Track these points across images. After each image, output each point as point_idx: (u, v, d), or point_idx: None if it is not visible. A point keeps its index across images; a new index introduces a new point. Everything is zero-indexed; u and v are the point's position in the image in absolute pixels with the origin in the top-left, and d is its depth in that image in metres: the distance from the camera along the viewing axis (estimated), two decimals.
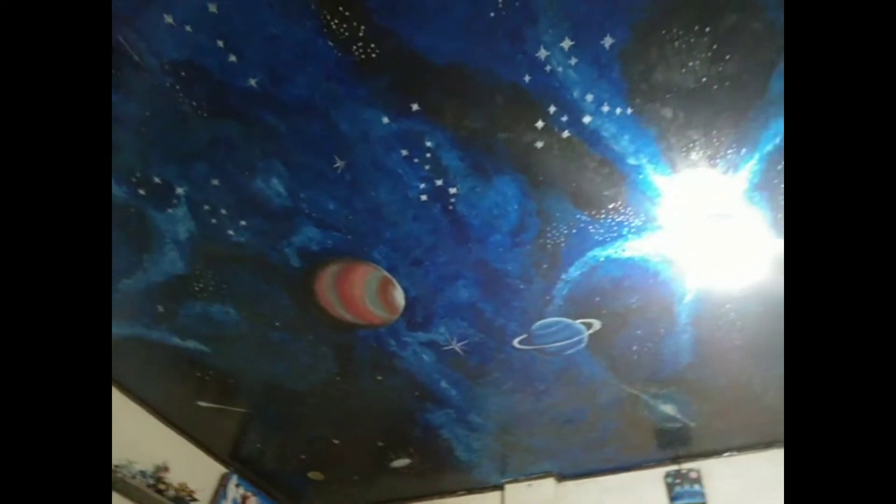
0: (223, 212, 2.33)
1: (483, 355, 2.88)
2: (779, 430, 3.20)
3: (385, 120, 1.97)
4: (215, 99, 1.97)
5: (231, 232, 2.40)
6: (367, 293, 2.62)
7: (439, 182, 2.13)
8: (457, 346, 2.84)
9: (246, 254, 2.48)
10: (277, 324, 2.83)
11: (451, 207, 2.21)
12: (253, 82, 1.90)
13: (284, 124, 2.01)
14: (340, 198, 2.23)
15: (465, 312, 2.66)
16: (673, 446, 3.41)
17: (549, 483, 3.70)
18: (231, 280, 2.63)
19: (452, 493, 4.14)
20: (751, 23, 1.65)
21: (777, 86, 1.79)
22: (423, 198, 2.18)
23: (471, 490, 4.05)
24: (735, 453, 3.38)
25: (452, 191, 2.16)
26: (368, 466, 4.03)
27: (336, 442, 3.78)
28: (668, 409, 3.12)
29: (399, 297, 2.59)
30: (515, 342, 2.79)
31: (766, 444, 3.32)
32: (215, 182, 2.23)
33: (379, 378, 3.11)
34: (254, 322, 2.85)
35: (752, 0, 1.60)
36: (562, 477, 3.70)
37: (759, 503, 3.16)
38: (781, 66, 1.74)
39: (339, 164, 2.12)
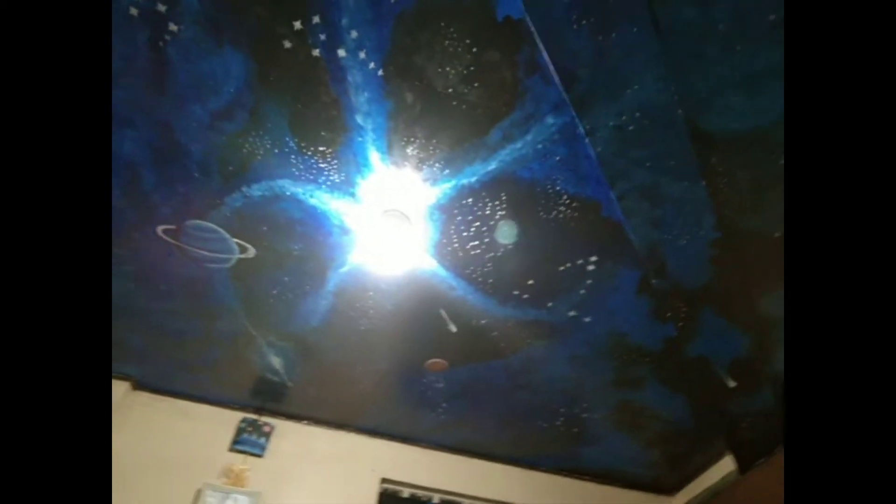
0: None
1: (116, 224, 2.49)
2: (354, 415, 3.57)
3: None
4: None
5: None
6: None
7: (162, 7, 1.78)
8: None
9: None
10: None
11: (161, 45, 1.87)
12: None
13: None
14: None
15: (119, 170, 2.26)
16: (263, 397, 3.49)
17: (122, 386, 3.36)
18: None
19: None
20: (503, 70, 1.84)
21: (496, 136, 2.04)
22: (133, 12, 1.79)
23: None
24: (310, 423, 3.64)
25: (173, 28, 1.82)
26: None
27: None
28: (276, 361, 3.19)
29: None
30: (160, 229, 2.49)
31: (340, 425, 3.68)
32: None
33: None
34: None
35: (512, 53, 1.80)
36: (139, 385, 3.42)
37: (306, 473, 3.45)
38: (506, 121, 1.98)
39: None
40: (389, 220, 2.32)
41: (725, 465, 3.62)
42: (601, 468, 3.97)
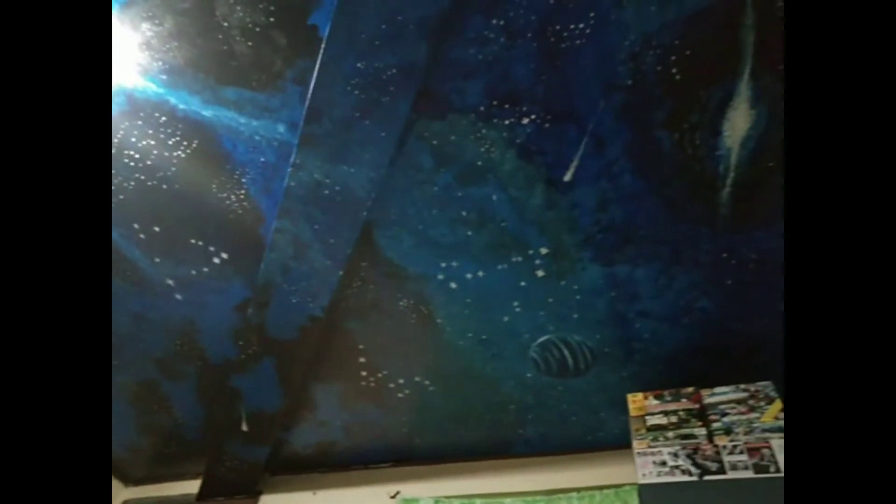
0: None
1: None
2: None
3: None
4: None
5: None
6: None
7: None
8: None
9: None
10: None
11: None
12: None
13: None
14: None
15: None
16: None
17: None
18: None
19: None
20: (279, 58, 1.85)
21: (229, 95, 1.98)
22: None
23: None
24: None
25: None
26: None
27: None
28: None
29: None
30: None
31: None
32: None
33: None
34: None
35: (296, 53, 1.82)
36: None
37: None
38: (248, 93, 1.95)
39: None
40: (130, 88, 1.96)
41: (191, 486, 3.71)
42: None
